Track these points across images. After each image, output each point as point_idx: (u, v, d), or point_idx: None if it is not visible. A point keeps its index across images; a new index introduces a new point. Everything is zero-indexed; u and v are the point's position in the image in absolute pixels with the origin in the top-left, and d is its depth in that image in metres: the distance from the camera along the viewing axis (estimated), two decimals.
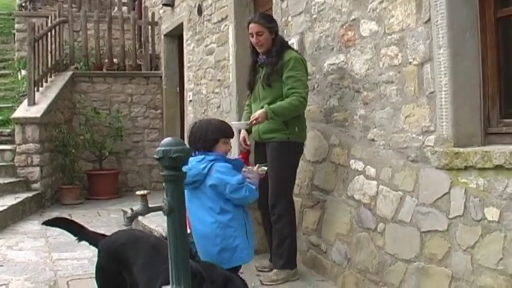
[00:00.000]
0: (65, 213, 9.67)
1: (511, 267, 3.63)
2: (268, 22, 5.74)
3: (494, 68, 4.22)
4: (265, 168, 4.76)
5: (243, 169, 4.62)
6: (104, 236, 4.41)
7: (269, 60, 5.64)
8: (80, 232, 4.48)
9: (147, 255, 3.89)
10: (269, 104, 5.57)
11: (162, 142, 3.00)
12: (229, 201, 4.44)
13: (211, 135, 4.55)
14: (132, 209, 3.15)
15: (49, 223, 4.69)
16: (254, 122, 5.49)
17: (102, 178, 11.89)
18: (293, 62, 5.57)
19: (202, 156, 4.47)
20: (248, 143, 5.82)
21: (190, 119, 10.83)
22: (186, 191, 4.52)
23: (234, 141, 5.61)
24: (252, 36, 5.71)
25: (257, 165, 4.86)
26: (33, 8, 16.06)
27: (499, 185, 3.75)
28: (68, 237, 7.19)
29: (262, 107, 5.60)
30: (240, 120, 6.36)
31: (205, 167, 4.41)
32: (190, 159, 4.29)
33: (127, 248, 4.03)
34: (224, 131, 4.63)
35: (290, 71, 5.55)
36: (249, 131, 5.86)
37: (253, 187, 4.47)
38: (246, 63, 6.16)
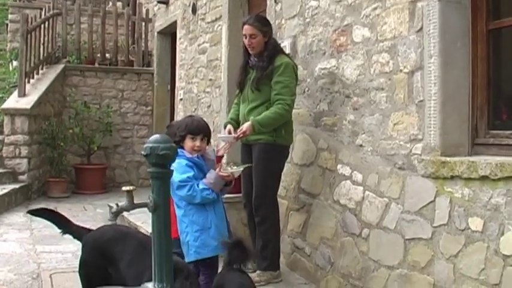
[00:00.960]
0: (51, 206, 9.56)
1: (493, 278, 3.65)
2: (263, 25, 5.74)
3: (484, 78, 4.25)
4: (235, 169, 4.84)
5: (217, 169, 4.71)
6: (88, 230, 4.41)
7: (260, 64, 5.65)
8: (65, 225, 4.47)
9: (134, 252, 3.90)
10: (257, 107, 5.63)
11: (149, 139, 3.00)
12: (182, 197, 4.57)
13: (178, 132, 4.71)
14: (117, 204, 3.14)
15: (34, 213, 4.68)
16: (241, 135, 5.51)
17: (90, 172, 11.86)
18: (283, 68, 5.58)
19: None
20: (233, 135, 5.72)
21: (180, 117, 10.80)
22: None
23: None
24: (245, 38, 5.72)
25: (229, 166, 4.92)
26: (28, 0, 16.01)
27: (483, 195, 3.78)
28: (53, 230, 7.15)
29: (250, 109, 5.66)
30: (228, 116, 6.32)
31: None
32: None
33: (113, 244, 4.03)
34: (190, 128, 4.72)
35: (279, 76, 5.57)
36: (236, 127, 5.84)
37: (205, 187, 4.54)
38: (238, 64, 6.17)
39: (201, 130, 4.75)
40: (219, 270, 4.32)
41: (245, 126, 5.49)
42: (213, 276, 4.36)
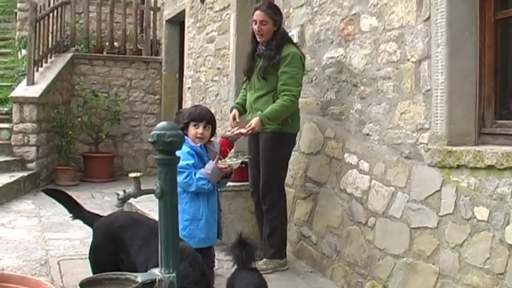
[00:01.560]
0: None
1: (498, 267, 3.67)
2: (275, 14, 5.75)
3: (491, 68, 4.25)
4: (234, 162, 4.83)
5: (219, 160, 4.73)
6: (99, 216, 4.45)
7: (267, 53, 5.64)
8: (76, 210, 4.53)
9: (144, 237, 3.93)
10: (263, 95, 5.67)
11: (157, 126, 3.02)
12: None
13: (182, 119, 4.79)
14: (124, 191, 3.17)
15: (48, 192, 4.74)
16: (250, 131, 5.50)
17: (98, 161, 11.88)
18: (290, 58, 5.57)
19: None
20: (238, 120, 5.81)
21: (188, 106, 10.81)
22: None
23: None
24: (255, 24, 5.69)
25: (231, 157, 4.94)
26: None
27: (489, 185, 3.79)
28: (61, 217, 7.25)
29: (257, 98, 5.71)
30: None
31: None
32: None
33: (125, 230, 4.07)
34: (193, 115, 4.79)
35: (286, 66, 5.57)
36: (241, 112, 5.93)
37: (201, 176, 4.60)
38: (246, 53, 6.15)
39: (203, 117, 4.80)
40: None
41: (253, 122, 5.48)
42: None
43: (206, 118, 4.82)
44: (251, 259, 4.05)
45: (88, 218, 4.47)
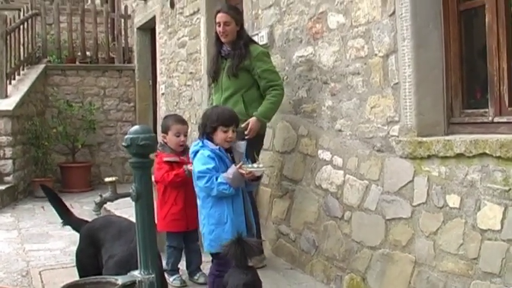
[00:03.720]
0: (38, 205, 9.69)
1: (471, 252, 3.74)
2: (236, 13, 5.87)
3: (456, 58, 4.33)
4: (257, 169, 4.65)
5: (237, 165, 4.56)
6: (86, 222, 4.50)
7: (237, 52, 5.70)
8: (66, 215, 4.57)
9: (113, 237, 3.99)
10: (233, 95, 5.71)
11: (130, 130, 3.07)
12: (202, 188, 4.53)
13: (209, 123, 4.62)
14: (101, 195, 3.21)
15: (46, 191, 4.87)
16: (252, 133, 5.49)
17: (75, 171, 11.87)
18: (263, 55, 5.72)
19: (198, 141, 4.64)
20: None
21: (162, 111, 10.87)
22: None
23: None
24: (219, 26, 5.78)
25: (250, 164, 4.80)
26: (6, 1, 15.96)
27: (460, 172, 3.87)
28: (40, 228, 7.27)
29: (226, 98, 5.73)
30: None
31: (193, 151, 4.61)
32: (193, 143, 4.71)
33: (100, 232, 4.13)
34: (223, 119, 4.63)
35: (264, 63, 5.69)
36: None
37: (222, 181, 4.42)
38: None
39: (233, 120, 4.68)
40: None
41: (251, 123, 5.49)
42: (226, 272, 4.34)
43: (235, 121, 4.72)
44: (246, 257, 4.08)
45: (76, 223, 4.52)
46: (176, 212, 5.37)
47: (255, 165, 4.67)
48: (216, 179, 4.44)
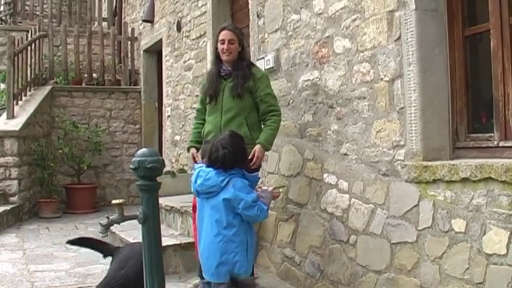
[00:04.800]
0: (43, 226, 9.70)
1: (477, 276, 3.75)
2: (240, 33, 5.79)
3: (462, 83, 4.36)
4: (281, 189, 4.70)
5: (257, 188, 4.64)
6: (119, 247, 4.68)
7: (241, 73, 5.58)
8: (103, 248, 4.69)
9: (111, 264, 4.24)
10: (236, 116, 5.54)
11: (137, 153, 3.09)
12: (237, 215, 4.42)
13: (240, 156, 4.57)
14: (108, 217, 3.23)
15: (73, 242, 4.87)
16: (258, 161, 5.39)
17: (80, 192, 11.88)
18: (265, 79, 5.67)
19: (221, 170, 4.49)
20: (198, 159, 5.65)
21: (168, 134, 10.91)
22: (198, 200, 4.61)
23: None
24: (223, 43, 5.66)
25: (272, 186, 4.83)
26: (14, 22, 16.06)
27: (465, 197, 3.88)
28: (45, 249, 7.27)
29: (229, 119, 5.54)
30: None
31: (224, 180, 4.42)
32: (209, 169, 4.49)
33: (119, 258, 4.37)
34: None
35: (266, 87, 5.62)
36: (198, 149, 5.80)
37: (265, 207, 4.47)
38: None
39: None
40: None
41: (257, 151, 5.36)
42: None
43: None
44: None
45: (113, 250, 4.63)
46: None
47: (264, 187, 4.79)
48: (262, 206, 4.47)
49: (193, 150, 5.80)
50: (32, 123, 11.10)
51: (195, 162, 5.63)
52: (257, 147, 5.39)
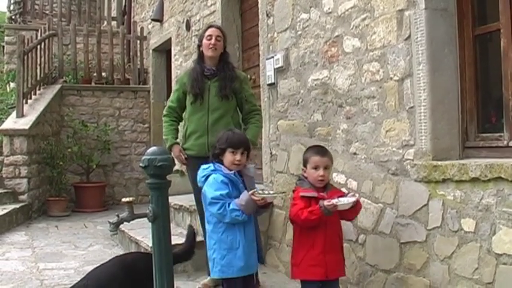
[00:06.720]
0: (52, 225, 9.73)
1: (487, 276, 3.74)
2: (225, 35, 5.96)
3: (472, 83, 4.36)
4: (268, 195, 4.53)
5: (257, 192, 4.46)
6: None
7: (228, 74, 5.70)
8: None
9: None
10: (223, 116, 5.65)
11: (147, 151, 3.11)
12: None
13: (218, 145, 4.61)
14: (118, 215, 3.24)
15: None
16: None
17: (89, 191, 11.90)
18: (247, 80, 6.00)
19: (209, 165, 4.56)
20: (183, 156, 5.77)
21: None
22: None
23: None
24: (210, 39, 5.71)
25: (265, 191, 4.74)
26: (23, 21, 16.12)
27: (475, 196, 3.87)
28: (54, 247, 7.29)
29: (217, 119, 5.63)
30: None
31: (204, 175, 4.50)
32: (202, 166, 4.60)
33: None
34: (231, 141, 4.59)
35: (249, 89, 5.92)
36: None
37: (236, 208, 4.32)
38: None
39: (242, 143, 4.62)
40: None
41: None
42: None
43: (244, 144, 4.63)
44: None
45: None
46: (313, 257, 4.49)
47: (265, 191, 4.66)
48: (229, 205, 4.34)
49: (177, 147, 5.82)
50: (42, 122, 11.14)
51: (184, 163, 5.81)
52: None
